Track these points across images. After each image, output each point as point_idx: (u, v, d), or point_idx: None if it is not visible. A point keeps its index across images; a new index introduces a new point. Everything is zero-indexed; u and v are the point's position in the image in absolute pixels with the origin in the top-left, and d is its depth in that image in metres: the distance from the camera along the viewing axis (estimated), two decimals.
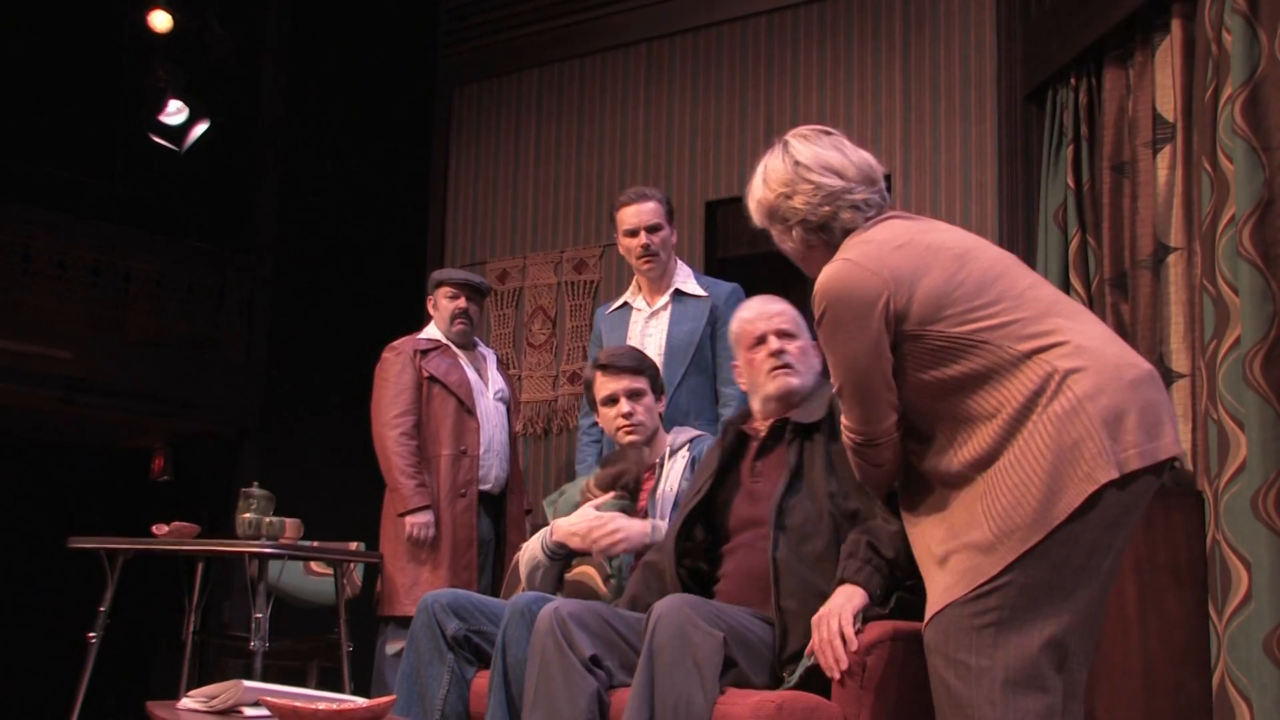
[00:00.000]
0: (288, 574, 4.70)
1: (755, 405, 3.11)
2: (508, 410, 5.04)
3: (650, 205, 4.33)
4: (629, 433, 3.57)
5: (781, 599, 2.67)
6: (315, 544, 4.68)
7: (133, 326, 9.28)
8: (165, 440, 10.62)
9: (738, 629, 2.62)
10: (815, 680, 2.54)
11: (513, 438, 5.08)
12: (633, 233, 4.33)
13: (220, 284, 9.75)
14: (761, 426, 3.07)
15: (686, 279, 4.44)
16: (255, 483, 4.70)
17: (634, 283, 4.50)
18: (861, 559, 2.59)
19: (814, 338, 3.03)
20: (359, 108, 9.74)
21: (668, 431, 3.68)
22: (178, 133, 7.94)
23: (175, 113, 7.89)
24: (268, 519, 4.54)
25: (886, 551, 2.59)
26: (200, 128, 7.94)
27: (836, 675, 2.48)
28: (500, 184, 6.46)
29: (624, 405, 3.56)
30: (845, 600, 2.54)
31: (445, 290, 5.00)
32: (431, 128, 6.83)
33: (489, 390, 5.01)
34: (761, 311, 3.13)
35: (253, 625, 4.36)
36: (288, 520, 4.59)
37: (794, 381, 3.01)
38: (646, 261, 4.33)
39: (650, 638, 2.53)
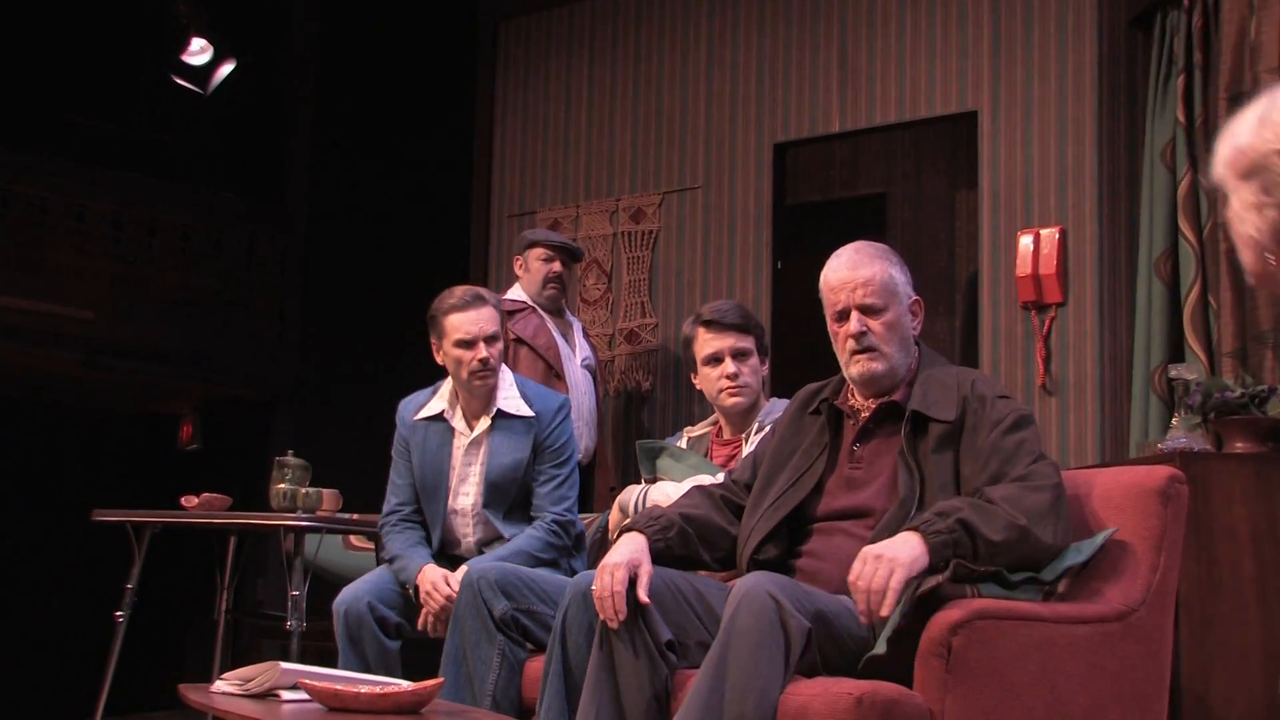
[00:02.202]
0: (325, 548, 4.74)
1: (848, 377, 3.03)
2: (594, 380, 5.08)
3: (487, 312, 3.91)
4: (733, 394, 3.57)
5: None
6: (355, 516, 4.72)
7: (158, 284, 9.38)
8: (193, 406, 10.75)
9: (827, 617, 2.61)
10: (897, 661, 2.53)
11: (599, 409, 5.11)
12: (467, 343, 3.88)
13: (250, 238, 9.83)
14: (862, 404, 3.00)
15: (511, 396, 3.97)
16: (290, 451, 4.75)
17: (449, 390, 4.01)
18: (947, 527, 2.59)
19: (914, 291, 3.00)
20: (397, 45, 9.76)
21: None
22: (202, 74, 7.97)
23: (198, 52, 7.91)
24: (304, 489, 4.59)
25: (988, 531, 2.57)
26: (226, 68, 7.96)
27: (866, 620, 2.53)
28: (550, 127, 6.46)
29: (729, 365, 3.57)
30: (908, 557, 2.53)
31: (539, 252, 5.08)
32: (475, 66, 6.83)
33: (576, 357, 5.05)
34: (847, 279, 2.97)
35: (289, 604, 4.42)
36: (325, 491, 4.63)
37: (877, 367, 2.94)
38: (482, 378, 3.89)
39: (731, 619, 2.51)
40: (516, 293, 5.12)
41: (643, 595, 2.70)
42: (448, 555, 3.99)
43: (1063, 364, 5.04)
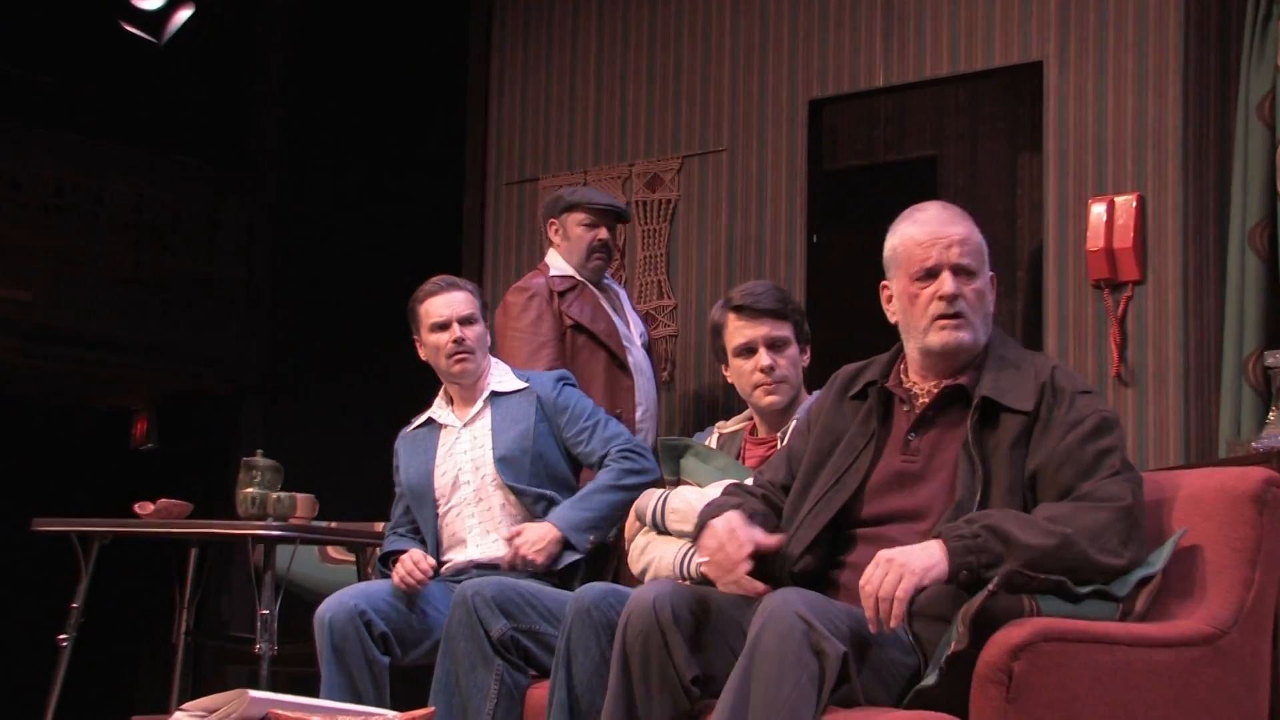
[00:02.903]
0: (299, 561, 4.76)
1: (911, 352, 2.98)
2: (652, 361, 5.06)
3: (460, 295, 4.27)
4: (769, 391, 3.55)
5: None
6: (333, 525, 4.74)
7: (105, 261, 9.39)
8: (148, 400, 10.78)
9: (866, 640, 2.60)
10: (950, 689, 2.53)
11: (659, 394, 5.09)
12: (441, 325, 4.23)
13: (213, 208, 9.84)
14: (919, 386, 2.97)
15: (503, 375, 4.35)
16: (259, 451, 4.76)
17: (441, 394, 4.39)
18: (971, 532, 2.59)
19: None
20: None
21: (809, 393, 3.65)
22: (155, 20, 7.97)
23: None
24: (275, 494, 4.60)
25: (1022, 535, 2.57)
26: (183, 13, 7.96)
27: (874, 629, 2.56)
28: (554, 82, 6.46)
29: (764, 356, 3.55)
30: (921, 564, 2.56)
31: (580, 216, 4.99)
32: (469, 15, 6.83)
33: (635, 337, 5.03)
34: (938, 234, 2.92)
35: (258, 624, 4.44)
36: (299, 496, 4.65)
37: (965, 337, 2.89)
38: (459, 360, 4.22)
39: (756, 639, 2.52)
40: (560, 265, 5.00)
41: (770, 540, 2.76)
42: (451, 564, 4.14)
43: (1141, 351, 5.03)
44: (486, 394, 4.28)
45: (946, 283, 2.89)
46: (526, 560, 3.89)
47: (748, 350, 3.58)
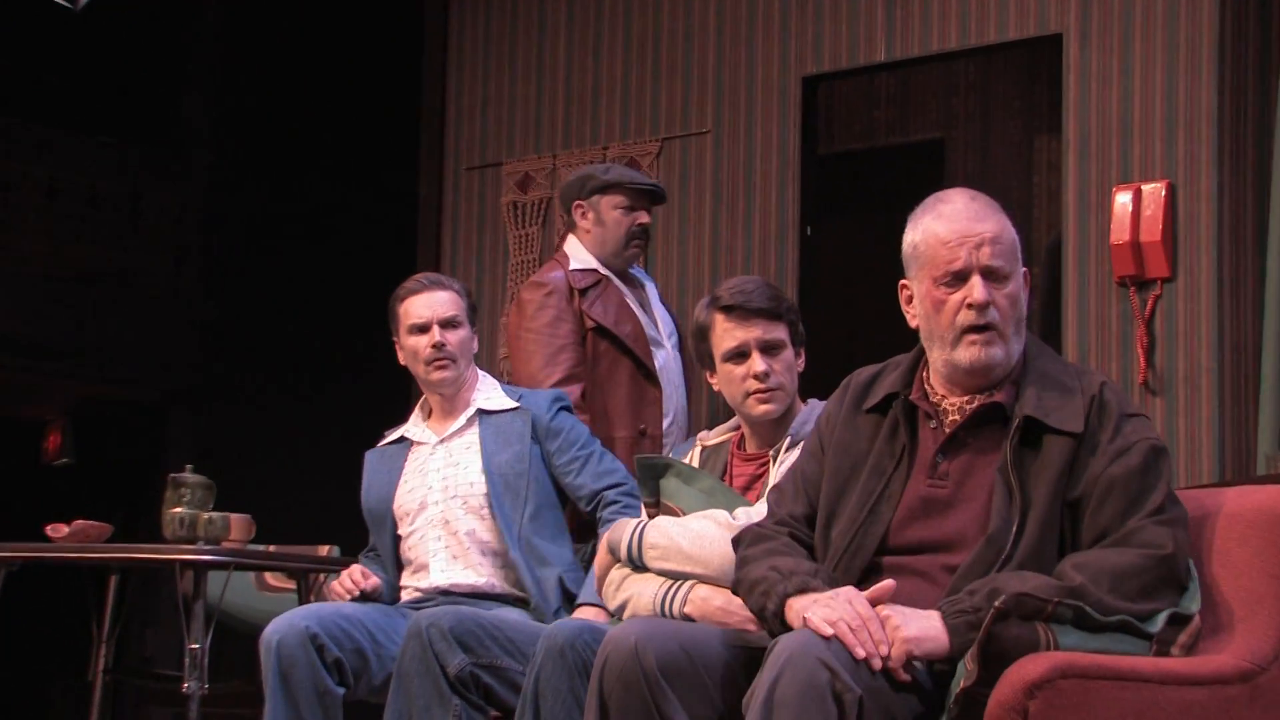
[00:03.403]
0: (234, 589, 4.75)
1: (935, 362, 2.95)
2: (684, 364, 5.00)
3: (445, 295, 4.27)
4: (763, 400, 3.54)
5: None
6: (271, 548, 4.73)
7: (16, 253, 9.36)
8: (63, 410, 10.75)
9: (878, 687, 2.60)
10: None
11: (690, 401, 5.06)
12: (421, 328, 4.23)
13: (135, 195, 9.81)
14: (948, 401, 2.95)
15: (491, 391, 4.36)
16: (189, 466, 4.75)
17: (419, 406, 4.42)
18: (971, 606, 2.61)
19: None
20: None
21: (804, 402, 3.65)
22: None
23: None
24: (206, 515, 4.59)
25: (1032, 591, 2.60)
26: None
27: (860, 654, 2.57)
28: (519, 58, 6.46)
29: (757, 362, 3.53)
30: (919, 631, 2.60)
31: (616, 198, 4.90)
32: None
33: (664, 337, 4.99)
34: (967, 232, 2.88)
35: (187, 660, 4.42)
36: (233, 516, 4.64)
37: (997, 354, 2.86)
38: (438, 367, 4.22)
39: (773, 685, 2.53)
40: (582, 256, 4.92)
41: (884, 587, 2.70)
42: (413, 590, 4.16)
43: (1170, 355, 5.05)
44: (471, 410, 4.28)
45: (976, 289, 2.85)
46: None
47: (739, 355, 3.57)
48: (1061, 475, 2.77)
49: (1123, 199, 5.09)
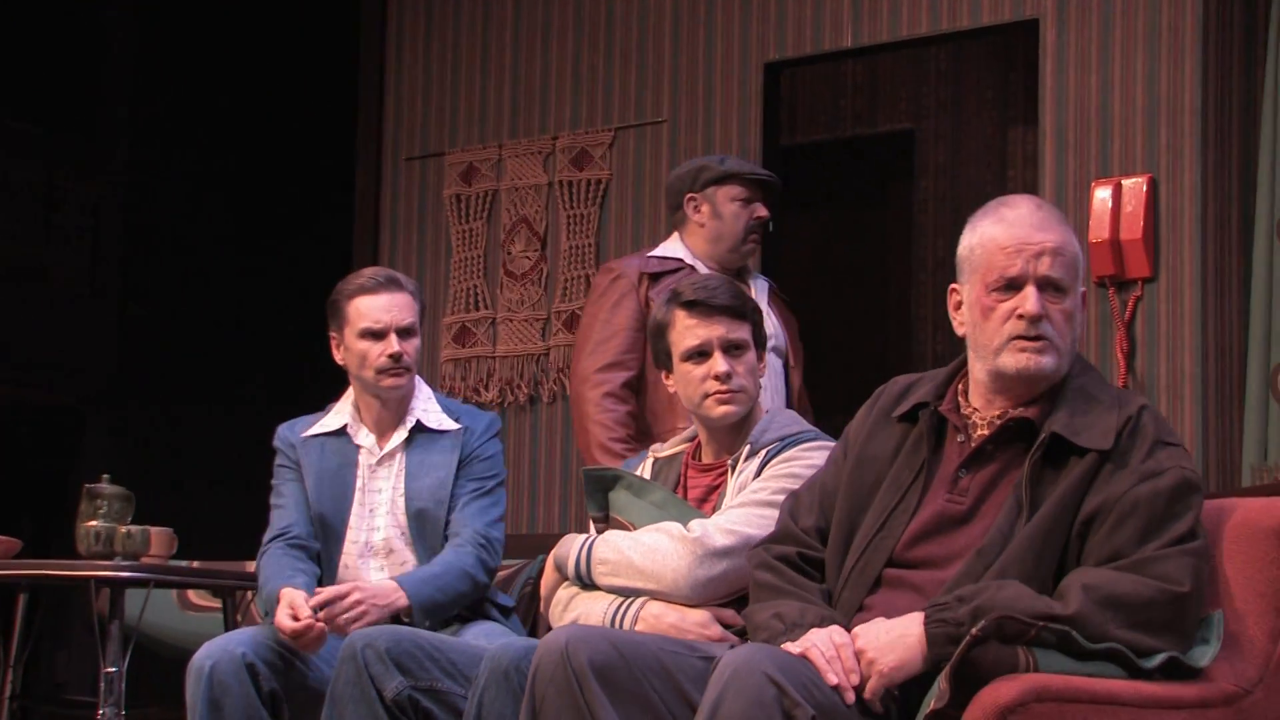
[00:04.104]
0: (154, 609, 4.73)
1: (976, 373, 2.97)
2: (785, 369, 4.91)
3: (403, 298, 4.17)
4: (724, 399, 3.54)
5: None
6: (194, 564, 4.71)
7: None
8: None
9: (833, 707, 2.62)
10: None
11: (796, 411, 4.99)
12: (376, 334, 4.13)
13: (47, 182, 9.75)
14: (979, 414, 2.96)
15: (428, 404, 4.27)
16: (105, 476, 4.73)
17: (350, 403, 4.28)
18: (954, 619, 2.62)
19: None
20: None
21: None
22: None
23: None
24: (124, 528, 4.57)
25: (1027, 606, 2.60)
26: None
27: (832, 681, 2.61)
28: (463, 42, 6.46)
29: (719, 361, 3.54)
30: (897, 661, 2.63)
31: (734, 189, 4.81)
32: None
33: (767, 338, 4.91)
34: (1027, 240, 2.89)
35: (102, 685, 4.40)
36: (153, 530, 4.61)
37: (1047, 363, 2.86)
38: (394, 375, 4.14)
39: (718, 701, 2.54)
40: (673, 248, 4.88)
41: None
42: None
43: (1151, 360, 5.08)
44: (412, 422, 4.20)
45: (1030, 300, 2.85)
46: (339, 624, 3.83)
47: (700, 354, 3.57)
48: (1076, 489, 2.77)
49: (1102, 194, 5.12)
